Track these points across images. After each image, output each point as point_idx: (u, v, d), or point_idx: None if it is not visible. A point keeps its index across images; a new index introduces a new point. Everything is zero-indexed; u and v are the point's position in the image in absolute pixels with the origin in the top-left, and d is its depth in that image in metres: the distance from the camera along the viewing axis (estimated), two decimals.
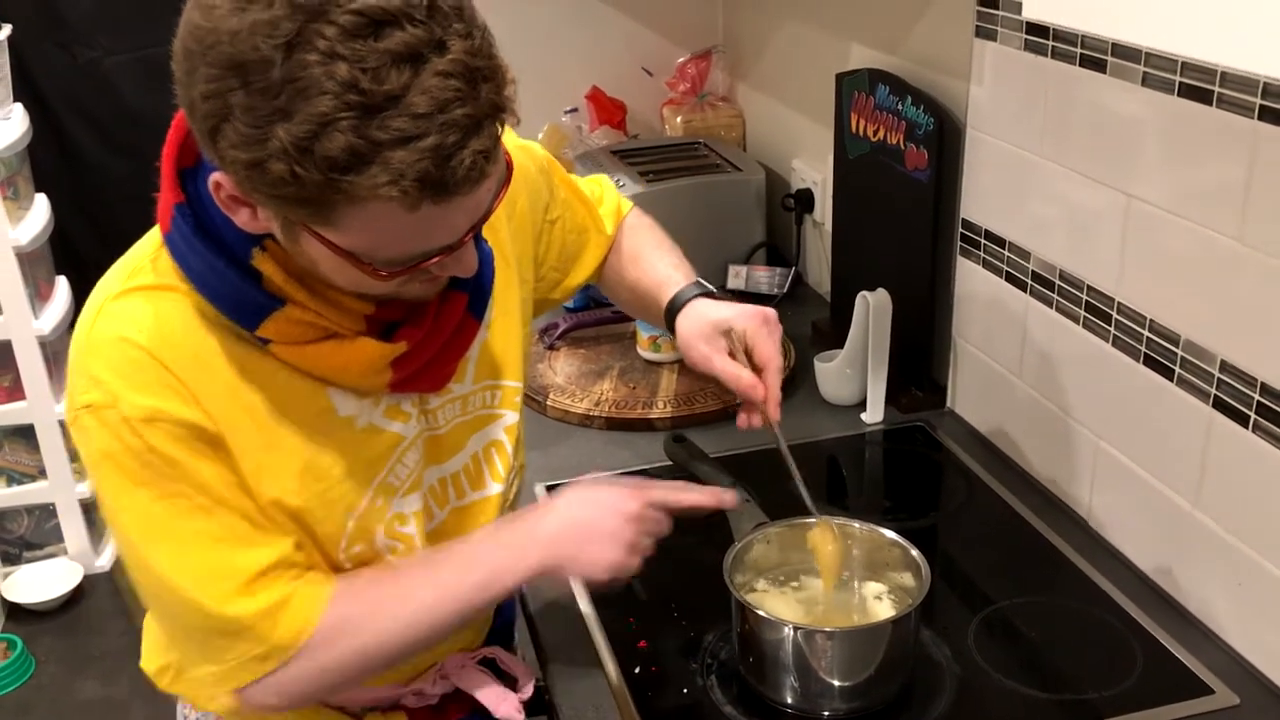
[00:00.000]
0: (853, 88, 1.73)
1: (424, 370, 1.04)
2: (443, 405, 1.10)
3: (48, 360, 2.81)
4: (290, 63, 0.77)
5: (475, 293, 1.06)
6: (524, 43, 1.85)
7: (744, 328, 1.19)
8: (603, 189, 1.36)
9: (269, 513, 1.00)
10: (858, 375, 1.65)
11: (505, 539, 1.08)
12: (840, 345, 1.66)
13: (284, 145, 0.78)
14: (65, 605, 2.93)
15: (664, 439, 1.40)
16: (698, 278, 1.29)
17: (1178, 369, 1.22)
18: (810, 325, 1.93)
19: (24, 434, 2.88)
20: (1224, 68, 1.09)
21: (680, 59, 2.43)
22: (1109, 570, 1.33)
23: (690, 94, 2.42)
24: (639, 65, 2.48)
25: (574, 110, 2.41)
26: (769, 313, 1.21)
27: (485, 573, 1.06)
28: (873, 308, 1.58)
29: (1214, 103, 1.11)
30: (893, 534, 1.19)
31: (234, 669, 0.99)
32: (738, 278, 2.05)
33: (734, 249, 2.10)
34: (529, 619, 1.31)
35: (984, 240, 1.53)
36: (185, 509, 0.95)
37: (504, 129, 0.84)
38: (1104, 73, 1.25)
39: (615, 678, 1.19)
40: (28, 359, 2.77)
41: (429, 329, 1.02)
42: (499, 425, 1.16)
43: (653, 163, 2.16)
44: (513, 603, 1.29)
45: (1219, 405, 1.17)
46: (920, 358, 1.68)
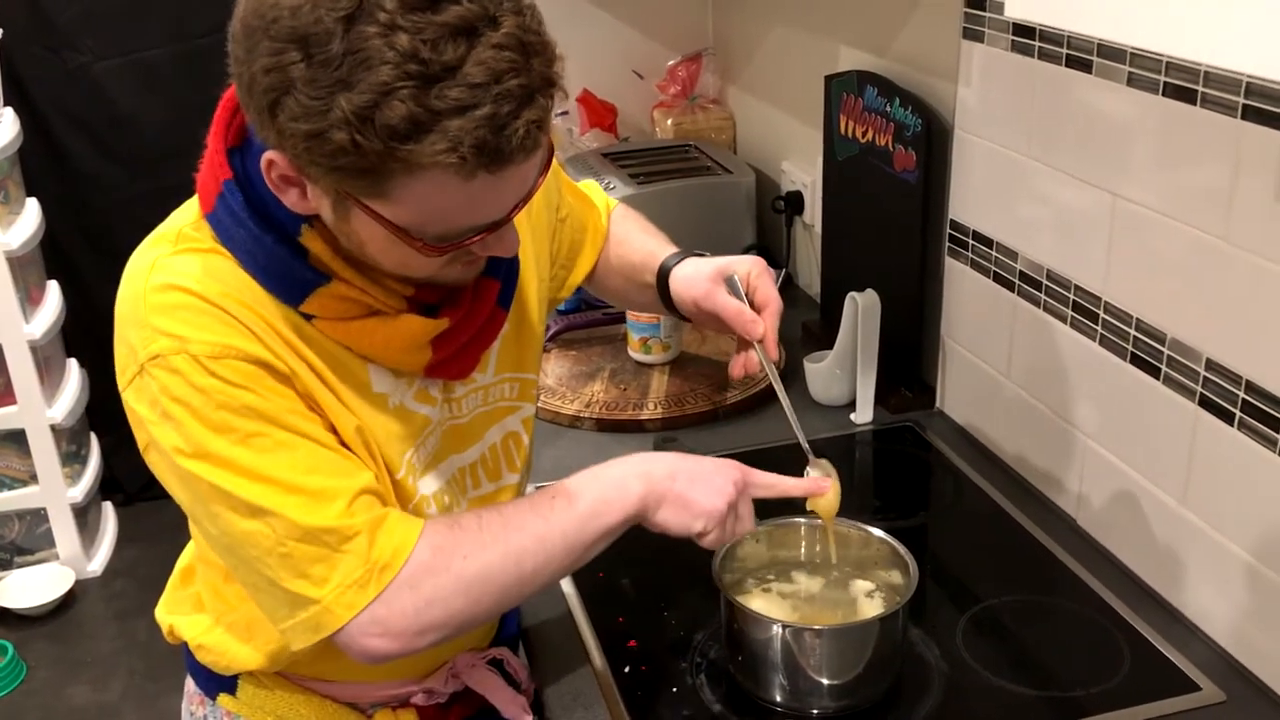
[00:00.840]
0: (841, 90, 1.74)
1: (459, 353, 1.06)
2: (466, 395, 1.12)
3: (39, 365, 2.81)
4: (351, 34, 0.80)
5: (505, 282, 1.08)
6: None
7: (746, 270, 1.24)
8: (592, 189, 1.39)
9: (349, 442, 0.99)
10: (847, 376, 1.66)
11: (606, 475, 1.05)
12: (830, 346, 1.67)
13: (345, 115, 0.80)
14: (56, 610, 2.92)
15: (654, 440, 1.40)
16: (692, 249, 1.34)
17: (1164, 367, 1.22)
18: (800, 326, 1.93)
19: (15, 439, 2.88)
20: (1207, 67, 1.10)
21: (671, 62, 2.44)
22: (1097, 568, 1.33)
23: (681, 97, 2.43)
24: (629, 68, 2.49)
25: (564, 113, 2.42)
26: (765, 262, 1.27)
27: (591, 503, 1.02)
28: (861, 309, 1.58)
29: (1199, 102, 1.12)
30: (881, 533, 1.19)
31: (334, 600, 0.94)
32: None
33: (724, 251, 2.06)
34: (519, 619, 1.31)
35: (972, 241, 1.53)
36: (268, 446, 0.94)
37: (553, 103, 0.87)
38: (1090, 73, 1.26)
39: (605, 676, 1.19)
40: (19, 363, 2.76)
41: (468, 309, 1.04)
42: (517, 417, 1.18)
43: (643, 165, 2.17)
44: (517, 610, 1.29)
45: (1205, 403, 1.17)
46: (909, 358, 1.68)
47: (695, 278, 1.26)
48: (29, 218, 2.85)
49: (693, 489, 1.05)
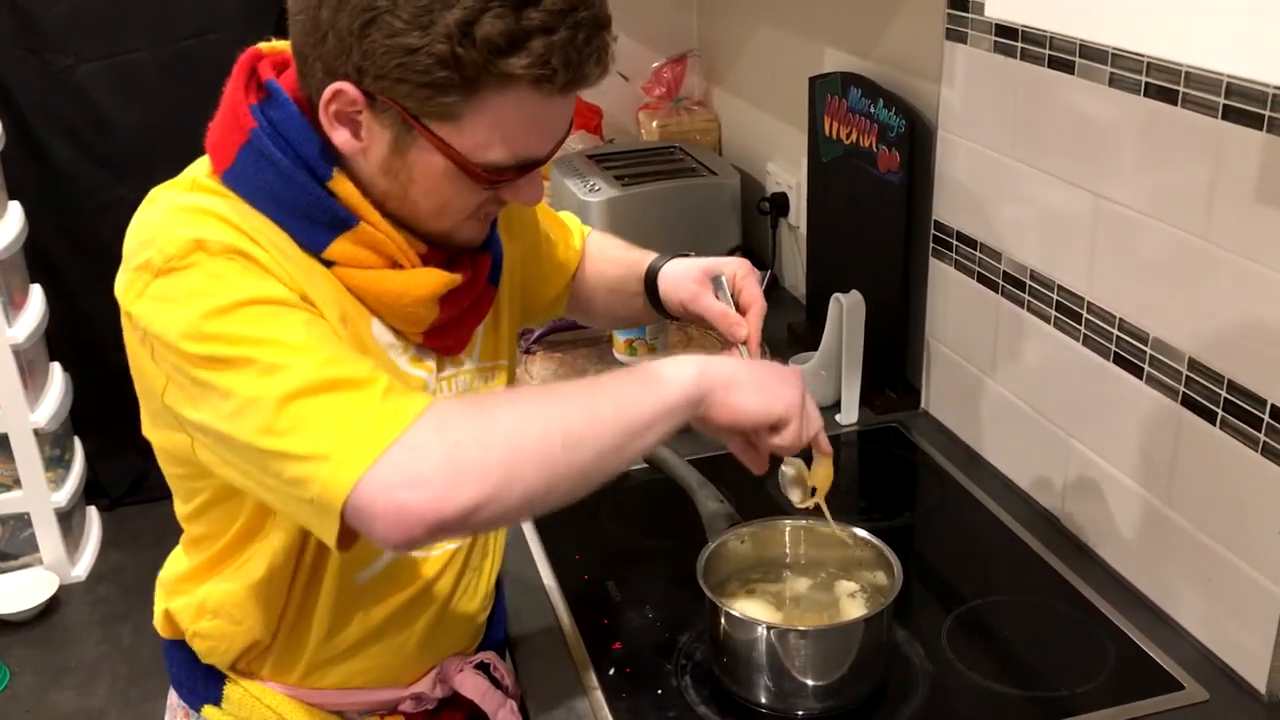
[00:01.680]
0: (825, 91, 1.74)
1: (456, 321, 1.09)
2: (455, 376, 1.13)
3: (21, 369, 2.79)
4: None
5: (494, 261, 1.13)
6: None
7: (733, 271, 1.27)
8: (568, 218, 1.42)
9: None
10: (832, 377, 1.66)
11: (661, 361, 1.00)
12: (815, 347, 1.67)
13: (449, 28, 0.88)
14: (40, 616, 2.91)
15: None
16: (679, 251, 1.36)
17: (1147, 367, 1.23)
18: (786, 328, 1.94)
19: None
20: (1188, 68, 1.10)
21: (656, 63, 2.44)
22: (1081, 568, 1.34)
23: (666, 98, 2.43)
24: (615, 70, 2.48)
25: None
26: (750, 264, 1.29)
27: (649, 377, 0.97)
28: (846, 310, 1.58)
29: (1179, 103, 1.12)
30: (865, 533, 1.20)
31: (352, 445, 0.85)
32: None
33: (710, 252, 2.06)
34: (505, 623, 1.31)
35: (956, 241, 1.54)
36: (288, 323, 0.91)
37: (611, 42, 0.97)
38: (1072, 74, 1.27)
39: (590, 679, 1.19)
40: (1, 367, 2.75)
41: (471, 274, 1.08)
42: None
43: (628, 167, 2.17)
44: (504, 616, 1.29)
45: (1187, 403, 1.18)
46: (894, 359, 1.69)
47: (683, 279, 1.29)
48: (12, 221, 2.83)
49: (762, 376, 1.03)
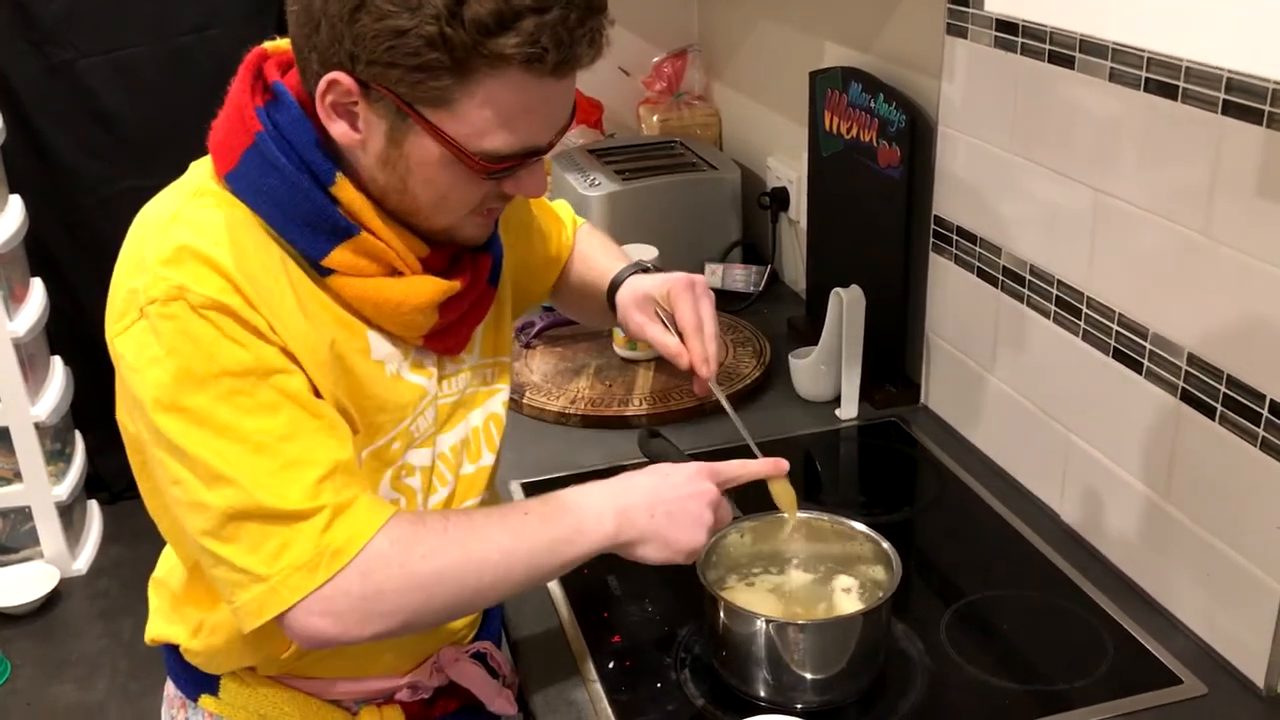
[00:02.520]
0: (826, 85, 1.74)
1: (457, 324, 1.09)
2: (456, 374, 1.14)
3: (22, 362, 2.79)
4: None
5: (494, 262, 1.13)
6: None
7: (664, 293, 1.26)
8: (561, 207, 1.43)
9: (331, 419, 0.99)
10: (832, 372, 1.66)
11: (584, 503, 1.05)
12: (815, 342, 1.67)
13: (438, 9, 0.87)
14: (41, 609, 2.91)
15: (638, 435, 1.40)
16: (639, 260, 1.35)
17: (1146, 362, 1.23)
18: (786, 322, 1.94)
19: None
20: (1188, 63, 1.10)
21: (656, 58, 2.44)
22: (1080, 562, 1.34)
23: (666, 93, 2.43)
24: (615, 64, 2.48)
25: None
26: (695, 278, 1.27)
27: (564, 529, 1.02)
28: (846, 304, 1.59)
29: (1180, 98, 1.12)
30: (864, 527, 1.20)
31: (281, 581, 0.93)
32: (714, 276, 2.06)
33: (710, 247, 2.11)
34: (503, 614, 1.31)
35: (956, 236, 1.54)
36: (249, 407, 0.93)
37: (605, 26, 0.96)
38: (1072, 69, 1.27)
39: (589, 672, 1.19)
40: (2, 361, 2.75)
41: (470, 278, 1.08)
42: (498, 399, 1.20)
43: (629, 161, 2.17)
44: (500, 605, 1.29)
45: (1187, 398, 1.18)
46: (894, 354, 1.69)
47: (628, 310, 1.30)
48: (12, 214, 2.83)
49: (672, 525, 1.05)
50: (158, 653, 1.21)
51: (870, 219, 1.68)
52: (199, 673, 1.15)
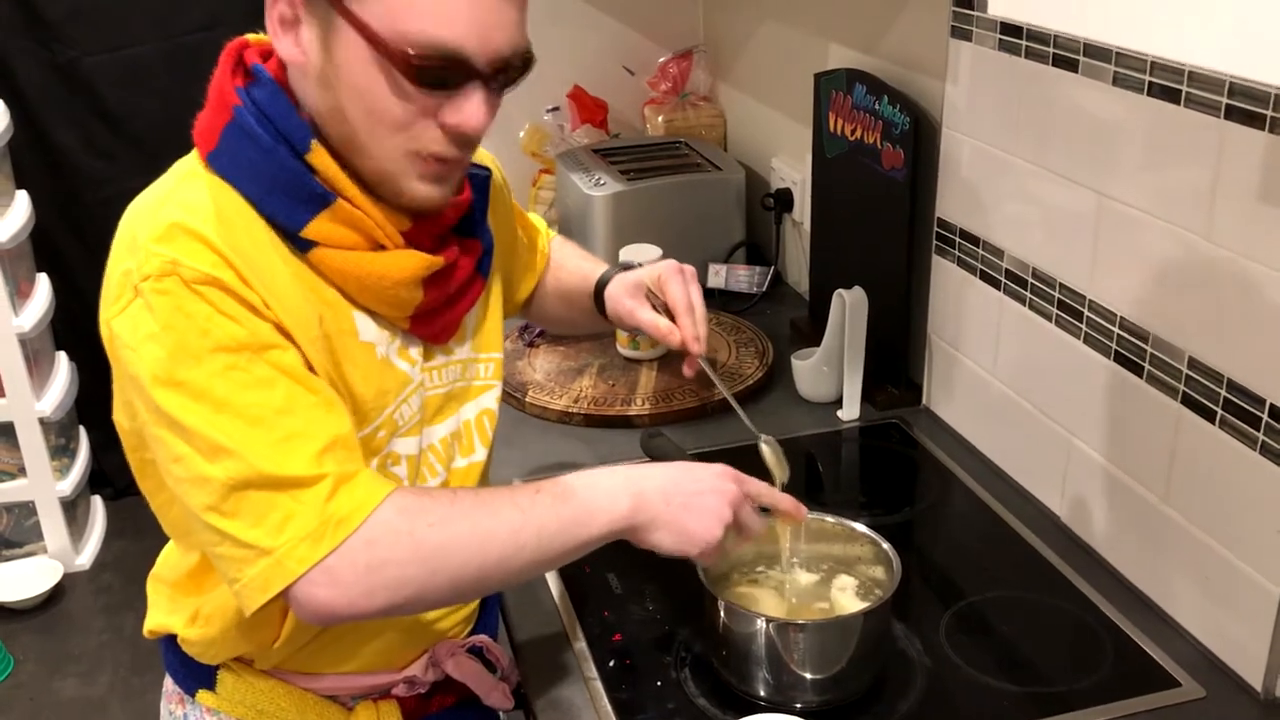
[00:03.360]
0: (831, 87, 1.74)
1: (442, 309, 1.08)
2: (445, 365, 1.14)
3: (28, 358, 2.80)
4: None
5: (484, 251, 1.13)
6: None
7: (655, 277, 1.30)
8: (536, 219, 1.45)
9: (328, 395, 0.98)
10: (834, 373, 1.66)
11: (598, 483, 1.04)
12: (818, 343, 1.68)
13: None
14: (44, 604, 2.92)
15: (640, 434, 1.41)
16: (624, 261, 1.41)
17: (1147, 365, 1.23)
18: (789, 323, 1.94)
19: (4, 432, 2.87)
20: (1191, 67, 1.10)
21: (662, 58, 2.44)
22: (1080, 565, 1.34)
23: (672, 93, 2.43)
24: (621, 64, 2.49)
25: (556, 109, 2.42)
26: (684, 266, 1.33)
27: (576, 508, 1.01)
28: (849, 306, 1.59)
29: (1183, 102, 1.13)
30: (864, 528, 1.20)
31: (286, 553, 0.92)
32: (718, 276, 2.06)
33: (714, 248, 2.11)
34: (504, 612, 1.32)
35: (959, 239, 1.54)
36: (247, 382, 0.93)
37: None
38: (1076, 72, 1.27)
39: (589, 671, 1.20)
40: (7, 356, 2.76)
41: (456, 257, 1.08)
42: (491, 395, 1.20)
43: (634, 162, 2.17)
44: (498, 601, 1.30)
45: (1187, 401, 1.18)
46: (896, 355, 1.69)
47: (619, 297, 1.33)
48: (19, 210, 2.84)
49: (689, 514, 1.04)
50: (159, 648, 1.22)
51: (873, 221, 1.68)
52: (196, 667, 1.16)
